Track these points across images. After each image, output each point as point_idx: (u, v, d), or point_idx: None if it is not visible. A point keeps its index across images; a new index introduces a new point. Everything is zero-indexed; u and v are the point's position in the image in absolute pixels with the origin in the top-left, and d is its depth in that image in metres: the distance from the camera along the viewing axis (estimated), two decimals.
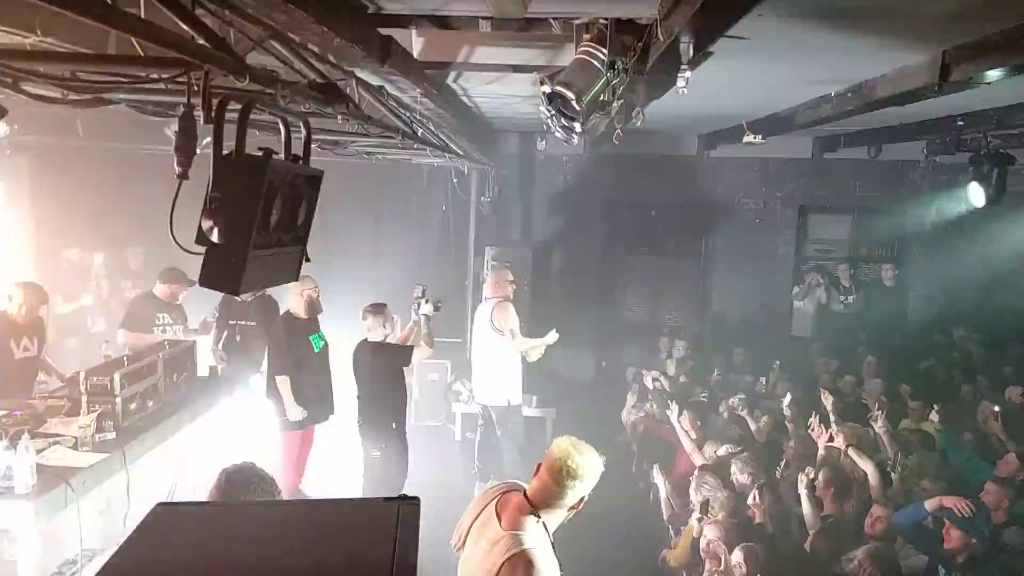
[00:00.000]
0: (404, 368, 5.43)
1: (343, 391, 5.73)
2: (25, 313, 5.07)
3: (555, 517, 2.51)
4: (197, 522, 1.62)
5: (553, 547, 2.48)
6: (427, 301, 5.56)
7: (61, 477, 3.61)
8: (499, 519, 2.48)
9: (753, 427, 5.73)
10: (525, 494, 2.51)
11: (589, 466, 2.51)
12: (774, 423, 5.85)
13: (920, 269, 8.94)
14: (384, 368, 5.28)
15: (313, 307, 5.51)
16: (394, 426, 5.25)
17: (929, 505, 3.93)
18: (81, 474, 3.73)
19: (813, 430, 5.09)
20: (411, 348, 5.46)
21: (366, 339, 5.37)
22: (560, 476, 2.45)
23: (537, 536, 2.42)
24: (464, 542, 2.61)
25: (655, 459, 6.08)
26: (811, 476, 4.37)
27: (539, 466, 2.53)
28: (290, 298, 5.55)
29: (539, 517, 2.45)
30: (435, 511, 3.58)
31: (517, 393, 6.22)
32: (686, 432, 5.47)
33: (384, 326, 5.30)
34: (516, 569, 2.33)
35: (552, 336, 6.17)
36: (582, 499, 2.53)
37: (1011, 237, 8.05)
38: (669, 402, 6.04)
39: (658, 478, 5.29)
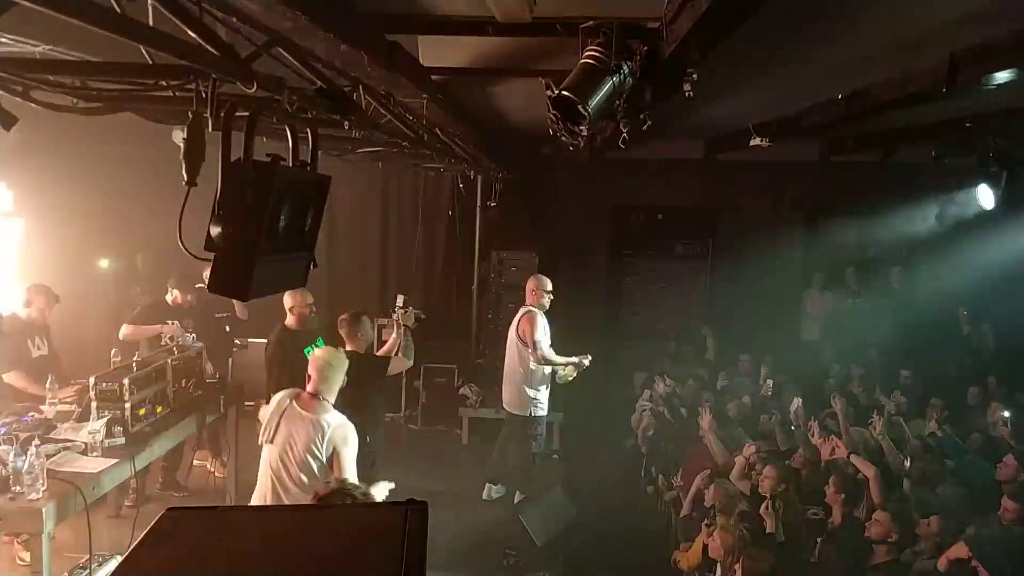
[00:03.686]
0: (381, 379, 5.21)
1: None
2: (36, 315, 5.24)
3: (332, 398, 3.95)
4: (207, 526, 1.63)
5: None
6: (406, 311, 5.36)
7: (71, 482, 3.64)
8: (303, 411, 3.84)
9: (780, 439, 5.69)
10: (309, 392, 3.91)
11: (338, 359, 4.05)
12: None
13: (929, 272, 8.88)
14: (357, 379, 4.90)
15: (304, 323, 5.34)
16: (367, 439, 4.81)
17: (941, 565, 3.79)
18: (91, 479, 3.75)
19: (814, 436, 5.07)
20: (388, 360, 5.24)
21: (344, 348, 5.07)
22: (324, 371, 3.92)
23: (336, 412, 3.90)
24: (273, 437, 3.83)
25: (664, 463, 6.08)
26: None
27: (308, 376, 3.92)
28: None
29: (326, 400, 3.91)
30: (443, 515, 3.60)
31: (539, 405, 6.08)
32: (712, 432, 5.45)
33: (359, 335, 5.08)
34: (344, 428, 3.83)
35: (585, 359, 6.04)
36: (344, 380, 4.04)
37: (1021, 239, 7.99)
38: (681, 409, 6.04)
39: (678, 483, 5.30)
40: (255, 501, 3.89)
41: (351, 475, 3.71)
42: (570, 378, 6.13)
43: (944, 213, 8.27)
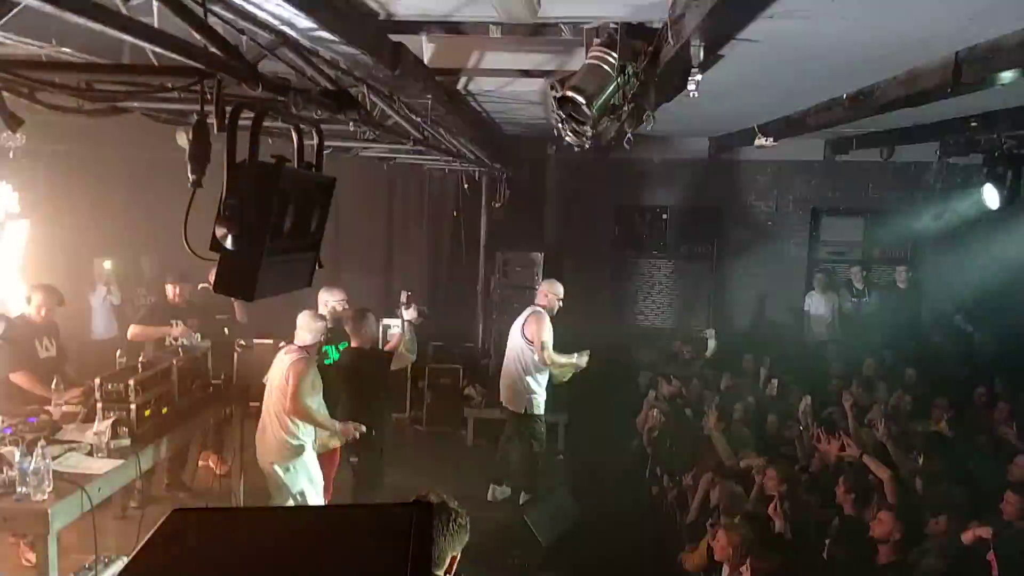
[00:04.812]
0: (387, 374, 5.28)
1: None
2: (44, 314, 5.23)
3: (303, 343, 4.74)
4: (212, 527, 1.63)
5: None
6: (409, 307, 5.45)
7: (77, 483, 3.64)
8: (283, 355, 4.73)
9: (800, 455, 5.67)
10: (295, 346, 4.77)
11: (305, 318, 4.77)
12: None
13: (934, 271, 8.86)
14: (363, 374, 5.12)
15: (335, 319, 5.37)
16: (373, 432, 5.04)
17: (966, 538, 3.85)
18: (96, 480, 3.76)
19: (818, 440, 5.05)
20: (391, 354, 5.32)
21: (349, 344, 5.26)
22: (298, 324, 4.74)
23: (300, 353, 4.69)
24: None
25: (669, 463, 6.07)
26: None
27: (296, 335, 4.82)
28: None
29: (301, 347, 4.71)
30: None
31: (537, 403, 6.12)
32: (718, 433, 5.44)
33: (363, 332, 5.17)
34: (298, 364, 4.60)
35: (583, 358, 6.10)
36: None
37: None
38: (685, 409, 6.00)
39: (688, 483, 5.29)
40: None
41: (301, 400, 4.53)
42: (566, 378, 6.15)
43: (947, 212, 8.24)
